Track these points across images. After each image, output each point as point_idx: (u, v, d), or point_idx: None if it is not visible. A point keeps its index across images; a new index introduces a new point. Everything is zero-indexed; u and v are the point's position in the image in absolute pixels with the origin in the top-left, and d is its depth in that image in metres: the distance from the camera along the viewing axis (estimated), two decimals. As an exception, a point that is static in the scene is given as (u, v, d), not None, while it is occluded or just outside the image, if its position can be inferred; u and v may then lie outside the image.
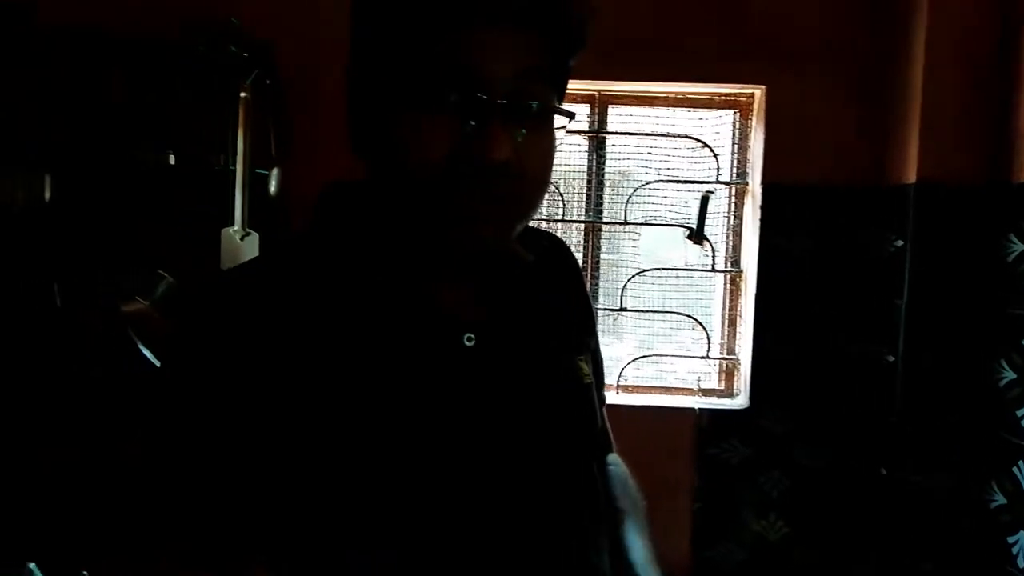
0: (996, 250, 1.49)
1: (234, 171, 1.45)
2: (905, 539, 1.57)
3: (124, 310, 1.44)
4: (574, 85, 1.82)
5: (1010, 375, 1.44)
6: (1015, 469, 1.41)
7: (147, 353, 1.43)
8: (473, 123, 0.57)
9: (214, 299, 0.62)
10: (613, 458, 0.78)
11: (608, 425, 0.82)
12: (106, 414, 1.48)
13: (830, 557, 1.74)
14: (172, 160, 1.56)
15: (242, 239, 1.46)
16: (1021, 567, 1.38)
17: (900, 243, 1.57)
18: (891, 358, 1.59)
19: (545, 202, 1.81)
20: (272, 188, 1.60)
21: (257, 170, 1.58)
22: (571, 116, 0.60)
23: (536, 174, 0.59)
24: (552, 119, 0.60)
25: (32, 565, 1.27)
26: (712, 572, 1.74)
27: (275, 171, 1.60)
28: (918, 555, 1.57)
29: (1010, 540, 1.41)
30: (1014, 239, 1.44)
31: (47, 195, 1.51)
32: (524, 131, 0.57)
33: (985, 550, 1.48)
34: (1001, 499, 1.45)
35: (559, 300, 0.73)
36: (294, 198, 1.68)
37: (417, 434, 0.59)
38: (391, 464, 0.58)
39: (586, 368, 0.72)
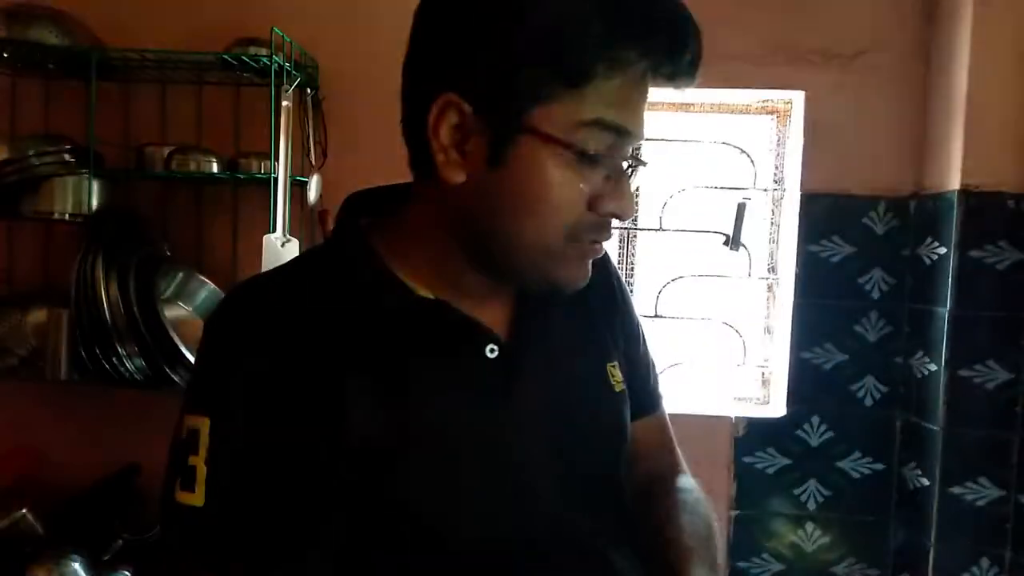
0: (1043, 257, 1.46)
1: (276, 179, 1.47)
2: (947, 551, 1.54)
3: (167, 315, 1.46)
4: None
5: (1058, 385, 1.41)
6: (1064, 481, 1.38)
7: (191, 358, 1.45)
8: (612, 176, 0.58)
9: (242, 302, 0.63)
10: (685, 482, 0.75)
11: (670, 428, 0.81)
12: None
13: (869, 569, 1.72)
14: (215, 167, 1.59)
15: (283, 245, 1.48)
16: (1071, 582, 1.35)
17: (943, 251, 1.55)
18: (933, 367, 1.57)
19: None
20: (312, 196, 1.63)
21: (297, 178, 1.60)
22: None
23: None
24: None
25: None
26: (749, 583, 1.72)
27: (315, 179, 1.63)
28: (962, 567, 1.54)
29: (1059, 554, 1.38)
30: (1062, 246, 1.42)
31: (94, 202, 1.55)
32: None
33: (1032, 564, 1.45)
34: (1049, 512, 1.42)
35: (591, 304, 0.72)
36: (328, 206, 1.70)
37: (440, 443, 0.60)
38: (418, 473, 0.59)
39: (617, 375, 0.71)
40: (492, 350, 0.63)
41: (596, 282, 0.69)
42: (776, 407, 1.73)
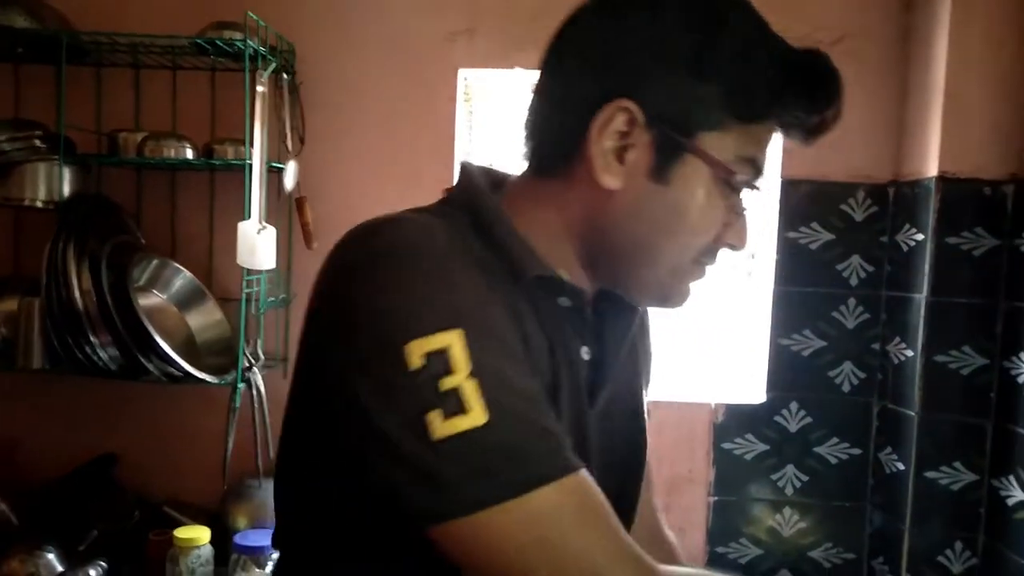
0: (1017, 244, 1.47)
1: (251, 165, 1.45)
2: (921, 535, 1.56)
3: (141, 303, 1.44)
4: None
5: (1031, 371, 1.42)
6: (1036, 465, 1.40)
7: (167, 348, 1.44)
8: (738, 211, 0.63)
9: (422, 228, 0.58)
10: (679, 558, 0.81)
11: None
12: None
13: (846, 553, 1.74)
14: (189, 154, 1.56)
15: (259, 233, 1.46)
16: (1041, 564, 1.37)
17: (920, 237, 1.56)
18: (910, 353, 1.58)
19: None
20: (288, 183, 1.61)
21: (273, 164, 1.58)
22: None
23: None
24: None
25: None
26: (727, 566, 1.73)
27: (291, 165, 1.61)
28: (936, 551, 1.56)
29: (1030, 537, 1.40)
30: (1036, 233, 1.43)
31: (65, 188, 1.52)
32: None
33: (1005, 546, 1.47)
34: (1020, 495, 1.43)
35: (641, 337, 0.77)
36: (306, 193, 1.69)
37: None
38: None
39: (647, 407, 0.77)
40: (587, 352, 0.66)
41: (641, 313, 0.75)
42: (755, 393, 1.74)
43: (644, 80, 0.58)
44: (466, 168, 0.66)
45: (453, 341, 0.50)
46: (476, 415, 0.49)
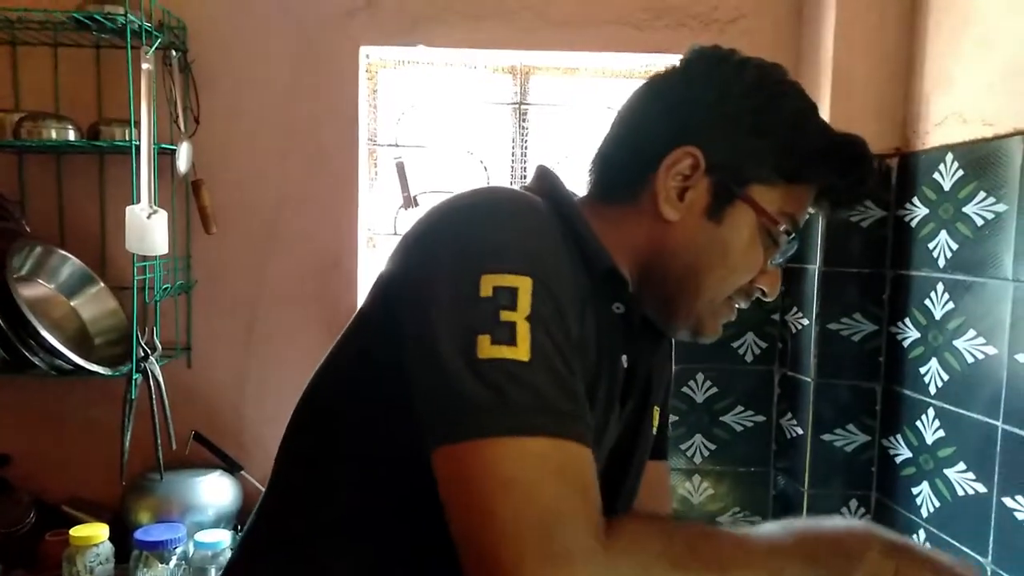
0: (902, 215, 1.54)
1: (137, 147, 1.39)
2: (819, 495, 1.63)
3: (23, 294, 1.37)
4: (496, 57, 1.79)
5: (914, 334, 1.50)
6: (918, 423, 1.47)
7: (52, 340, 1.37)
8: (772, 262, 0.71)
9: (516, 194, 0.65)
10: None
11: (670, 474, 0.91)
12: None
13: (752, 516, 1.80)
14: (72, 135, 1.49)
15: (149, 217, 1.41)
16: (924, 517, 1.45)
17: (811, 210, 1.61)
18: (806, 322, 1.64)
19: (469, 174, 1.80)
20: (182, 165, 1.55)
21: (164, 146, 1.52)
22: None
23: None
24: None
25: None
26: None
27: (184, 146, 1.55)
28: (833, 509, 1.63)
29: (914, 491, 1.48)
30: (917, 203, 1.49)
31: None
32: None
33: (894, 501, 1.55)
34: (907, 452, 1.51)
35: (661, 355, 0.84)
36: (203, 175, 1.63)
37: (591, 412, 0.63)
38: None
39: (655, 419, 0.83)
40: (625, 361, 0.72)
41: (669, 343, 0.85)
42: (663, 366, 1.77)
43: (709, 132, 0.68)
44: (546, 170, 0.74)
45: (523, 285, 0.55)
46: (521, 351, 0.53)
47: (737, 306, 0.74)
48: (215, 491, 1.55)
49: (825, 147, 0.69)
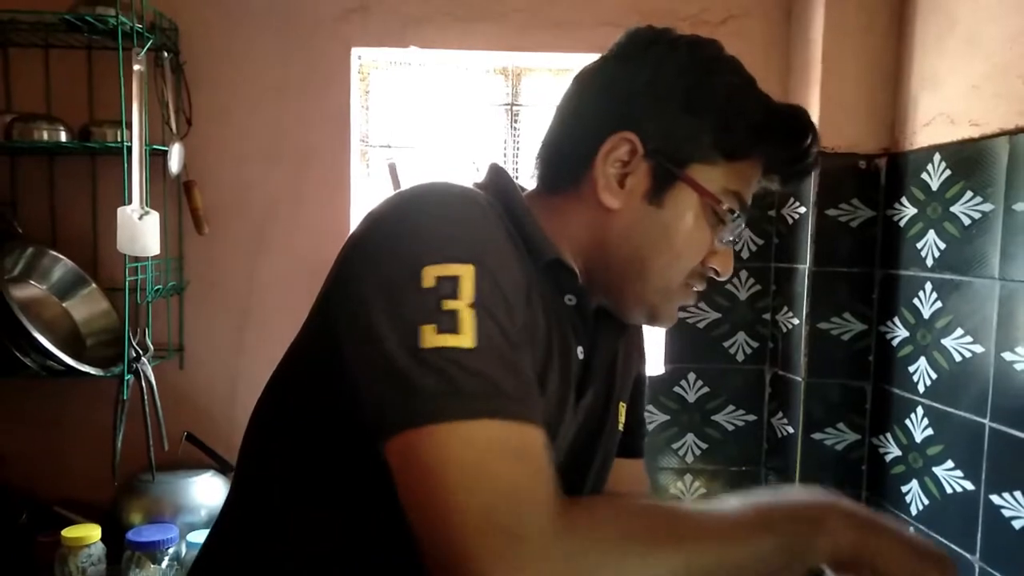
0: (890, 215, 1.55)
1: (129, 148, 1.39)
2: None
3: (15, 296, 1.37)
4: (488, 58, 1.80)
5: (902, 333, 1.51)
6: (907, 422, 1.48)
7: (44, 341, 1.37)
8: (723, 241, 0.70)
9: (460, 186, 0.63)
10: None
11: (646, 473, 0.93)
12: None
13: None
14: (64, 136, 1.49)
15: (141, 218, 1.41)
16: (913, 515, 1.46)
17: (803, 210, 1.62)
18: (796, 322, 1.65)
19: (462, 174, 1.81)
20: (174, 166, 1.55)
21: (156, 147, 1.52)
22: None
23: None
24: None
25: None
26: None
27: (176, 148, 1.55)
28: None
29: (904, 489, 1.49)
30: (905, 203, 1.50)
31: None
32: None
33: (884, 500, 1.56)
34: (896, 451, 1.52)
35: (628, 347, 0.83)
36: (195, 176, 1.63)
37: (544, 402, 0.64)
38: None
39: (622, 416, 0.82)
40: (581, 352, 0.72)
41: (634, 330, 0.84)
42: (655, 366, 1.78)
43: (644, 116, 0.67)
44: (497, 166, 0.73)
45: (465, 273, 0.55)
46: (465, 339, 0.53)
47: (695, 289, 0.73)
48: (207, 491, 1.56)
49: (763, 121, 0.68)
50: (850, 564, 0.57)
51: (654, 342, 1.80)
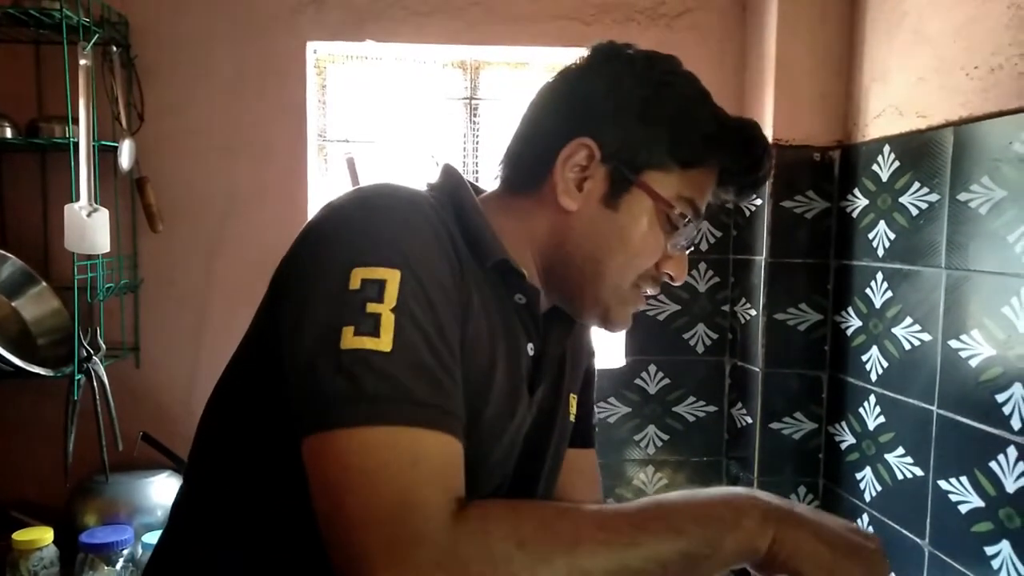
0: (844, 206, 1.57)
1: (76, 144, 1.37)
2: (770, 483, 1.66)
3: (-41, 295, 1.34)
4: (446, 52, 1.78)
5: (856, 323, 1.53)
6: (861, 410, 1.51)
7: (-10, 340, 1.34)
8: (677, 246, 0.73)
9: (399, 188, 0.64)
10: None
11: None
12: None
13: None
14: (8, 132, 1.46)
15: (89, 215, 1.38)
16: (867, 501, 1.48)
17: (759, 202, 1.64)
18: (753, 313, 1.66)
19: (424, 170, 1.80)
20: (125, 163, 1.53)
21: (105, 143, 1.50)
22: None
23: None
24: None
25: None
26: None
27: (127, 144, 1.53)
28: (782, 496, 1.66)
29: (858, 476, 1.51)
30: (858, 194, 1.52)
31: None
32: None
33: (840, 487, 1.58)
34: (851, 439, 1.55)
35: (577, 342, 0.87)
36: (148, 172, 1.61)
37: (491, 402, 0.67)
38: (471, 414, 0.62)
39: (573, 408, 0.85)
40: (531, 349, 0.74)
41: (582, 326, 0.86)
42: (615, 358, 1.79)
43: (603, 124, 0.70)
44: (451, 167, 0.75)
45: (391, 277, 0.56)
46: (383, 342, 0.53)
47: (646, 294, 0.75)
48: (164, 492, 1.54)
49: (715, 132, 0.71)
50: (766, 564, 0.58)
51: (615, 335, 1.81)
